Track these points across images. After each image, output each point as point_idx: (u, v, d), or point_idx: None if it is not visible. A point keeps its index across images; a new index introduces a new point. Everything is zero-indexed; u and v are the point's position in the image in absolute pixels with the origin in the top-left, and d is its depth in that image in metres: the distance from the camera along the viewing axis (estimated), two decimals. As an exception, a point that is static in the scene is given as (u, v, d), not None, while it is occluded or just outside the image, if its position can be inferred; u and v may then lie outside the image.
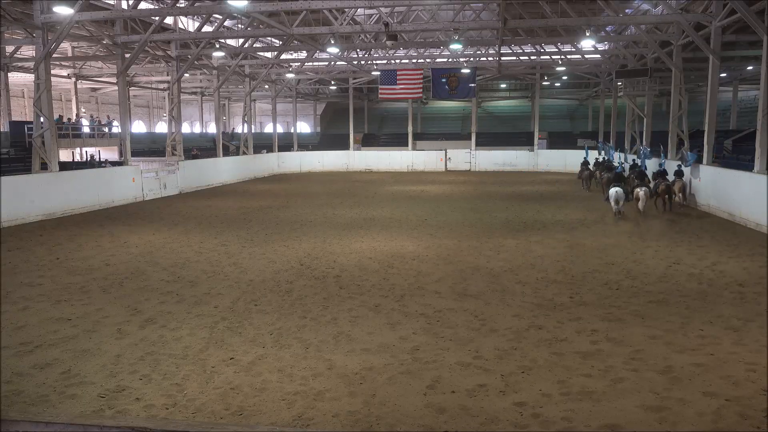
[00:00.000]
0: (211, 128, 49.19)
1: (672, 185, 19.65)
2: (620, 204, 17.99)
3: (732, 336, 7.62)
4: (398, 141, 45.34)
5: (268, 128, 50.63)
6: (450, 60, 35.31)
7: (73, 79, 36.35)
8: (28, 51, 29.28)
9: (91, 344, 7.52)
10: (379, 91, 35.93)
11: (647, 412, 5.59)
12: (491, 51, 32.56)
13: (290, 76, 39.01)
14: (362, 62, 35.50)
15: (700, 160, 21.12)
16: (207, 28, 27.04)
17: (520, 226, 16.80)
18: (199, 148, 37.89)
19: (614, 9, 25.67)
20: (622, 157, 27.63)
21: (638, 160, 23.57)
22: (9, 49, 27.17)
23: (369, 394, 6.03)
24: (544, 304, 9.16)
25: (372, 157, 42.78)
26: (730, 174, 18.83)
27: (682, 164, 21.13)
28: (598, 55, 34.73)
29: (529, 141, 42.32)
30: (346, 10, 27.38)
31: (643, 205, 18.06)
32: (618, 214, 18.13)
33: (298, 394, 6.06)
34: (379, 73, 35.72)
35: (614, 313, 8.64)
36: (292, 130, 44.92)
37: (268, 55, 34.56)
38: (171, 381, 6.38)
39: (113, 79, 33.20)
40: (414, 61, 36.64)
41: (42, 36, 20.20)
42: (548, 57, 33.89)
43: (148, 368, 6.72)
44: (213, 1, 26.53)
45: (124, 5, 23.56)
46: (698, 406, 5.70)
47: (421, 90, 35.75)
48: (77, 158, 30.03)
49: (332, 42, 27.50)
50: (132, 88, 39.40)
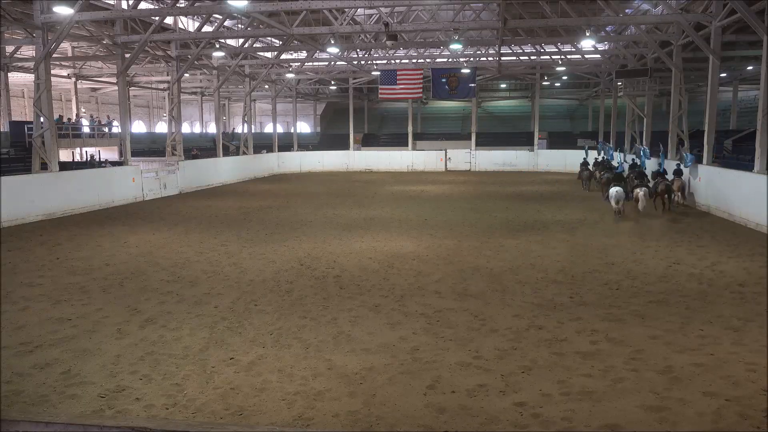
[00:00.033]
0: (211, 128, 49.19)
1: (671, 184, 19.67)
2: (620, 204, 18.05)
3: (732, 336, 7.62)
4: (398, 141, 45.34)
5: (268, 128, 50.63)
6: (450, 60, 35.31)
7: (73, 79, 36.36)
8: (28, 51, 29.28)
9: (91, 344, 7.52)
10: (379, 91, 35.94)
11: (647, 412, 5.59)
12: (491, 51, 32.56)
13: (290, 76, 39.02)
14: (362, 62, 35.50)
15: (700, 160, 21.14)
16: (207, 28, 27.04)
17: (520, 226, 16.80)
18: (199, 148, 37.89)
19: (614, 9, 25.66)
20: (621, 157, 27.62)
21: (637, 160, 23.56)
22: (9, 49, 27.18)
23: (369, 394, 6.03)
24: (544, 304, 9.16)
25: (372, 157, 42.79)
26: (730, 174, 18.83)
27: (681, 164, 21.15)
28: (598, 55, 34.73)
29: (529, 141, 42.33)
30: (346, 10, 27.39)
31: (643, 205, 18.07)
32: (618, 214, 18.16)
33: (298, 394, 6.06)
34: (379, 73, 35.72)
35: (614, 313, 8.64)
36: (292, 130, 44.92)
37: (268, 55, 34.56)
38: (171, 381, 6.38)
39: (113, 79, 33.20)
40: (414, 61, 36.63)
41: (42, 36, 20.20)
42: (548, 57, 33.89)
43: (148, 368, 6.72)
44: (213, 1, 26.53)
45: (124, 5, 23.56)
46: (698, 406, 5.70)
47: (421, 90, 35.76)
48: (77, 158, 30.04)
49: (332, 42, 27.50)
50: (132, 88, 39.41)
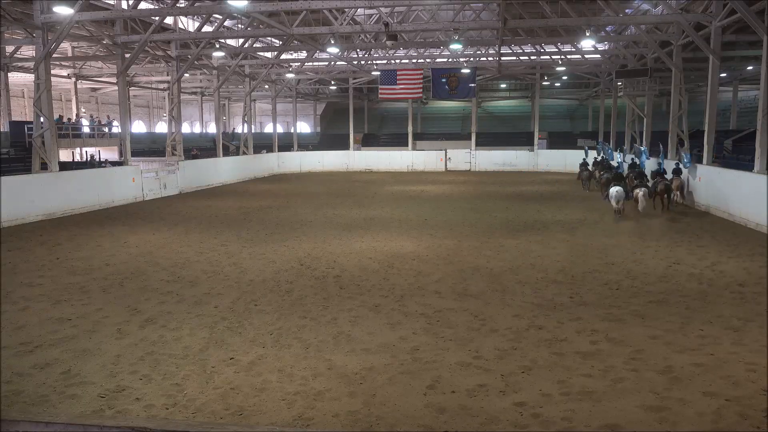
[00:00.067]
0: (211, 128, 49.19)
1: (670, 184, 19.73)
2: (620, 203, 18.09)
3: (732, 336, 7.62)
4: (398, 141, 45.34)
5: (268, 128, 50.63)
6: (450, 60, 35.31)
7: (73, 79, 36.37)
8: (28, 51, 29.29)
9: (91, 344, 7.52)
10: (379, 91, 35.93)
11: (647, 412, 5.59)
12: (491, 51, 32.56)
13: (290, 76, 39.02)
14: (362, 62, 35.50)
15: (699, 160, 21.14)
16: (207, 28, 27.04)
17: (520, 226, 16.80)
18: (199, 148, 37.89)
19: (614, 9, 25.67)
20: (621, 157, 27.62)
21: (637, 160, 23.59)
22: (9, 49, 27.19)
23: (369, 394, 6.03)
24: (544, 304, 9.16)
25: (372, 157, 42.79)
26: (729, 174, 18.84)
27: (680, 163, 21.19)
28: (598, 55, 34.72)
29: (529, 141, 42.33)
30: (346, 10, 27.39)
31: (643, 206, 18.12)
32: (618, 214, 18.19)
33: (298, 394, 6.06)
34: (379, 73, 35.72)
35: (614, 313, 8.64)
36: (292, 130, 44.92)
37: (268, 55, 34.56)
38: (171, 381, 6.38)
39: (113, 79, 33.21)
40: (414, 61, 36.63)
41: (42, 36, 20.20)
42: (548, 57, 33.89)
43: (148, 368, 6.72)
44: (213, 1, 26.53)
45: (124, 5, 23.56)
46: (698, 406, 5.70)
47: (421, 90, 35.76)
48: (77, 158, 30.04)
49: (332, 42, 27.50)
50: (132, 88, 39.41)
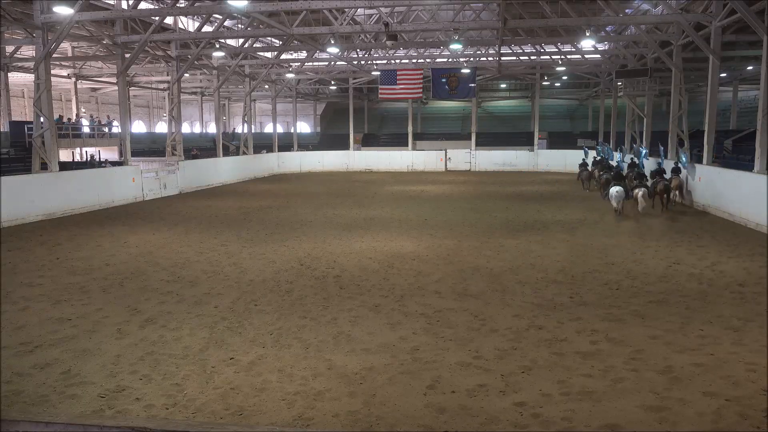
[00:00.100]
0: (211, 128, 49.20)
1: (669, 183, 19.79)
2: (620, 203, 18.15)
3: (732, 336, 7.62)
4: (398, 141, 45.34)
5: (268, 128, 50.64)
6: (450, 60, 35.30)
7: (73, 79, 36.37)
8: (28, 51, 29.29)
9: (91, 344, 7.52)
10: (379, 91, 35.93)
11: (647, 412, 5.58)
12: (491, 51, 32.56)
13: (290, 76, 39.01)
14: (362, 62, 35.50)
15: (699, 160, 21.14)
16: (207, 28, 27.04)
17: (520, 226, 16.80)
18: (199, 148, 37.89)
19: (614, 9, 25.66)
20: (621, 156, 27.61)
21: (636, 160, 23.63)
22: (9, 49, 27.19)
23: (369, 394, 6.02)
24: (544, 304, 9.16)
25: (372, 157, 42.78)
26: (729, 174, 18.85)
27: (679, 162, 21.24)
28: (598, 55, 34.72)
29: (529, 141, 42.32)
30: (346, 10, 27.39)
31: (642, 206, 18.19)
32: (619, 213, 18.23)
33: (298, 394, 6.06)
34: (379, 73, 35.72)
35: (614, 313, 8.64)
36: (292, 130, 44.92)
37: (268, 55, 34.56)
38: (171, 381, 6.38)
39: (113, 79, 33.21)
40: (414, 61, 36.63)
41: (42, 36, 20.19)
42: (548, 57, 33.88)
43: (148, 368, 6.72)
44: (213, 1, 26.54)
45: (124, 5, 23.56)
46: (698, 406, 5.70)
47: (421, 90, 35.75)
48: (77, 158, 30.06)
49: (332, 42, 27.50)
50: (132, 88, 39.42)
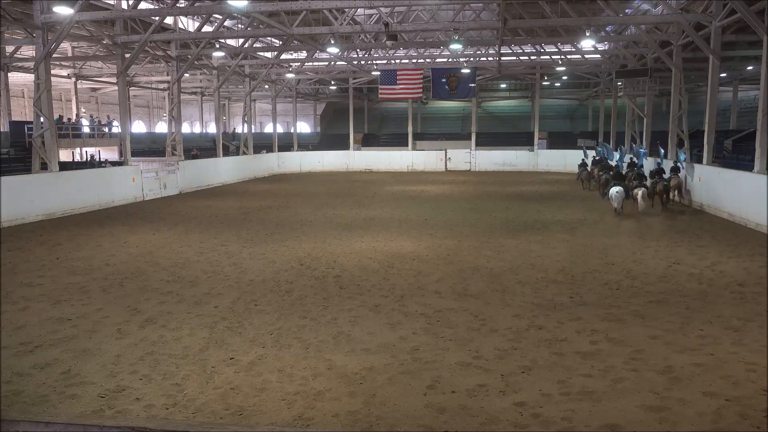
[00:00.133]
0: (211, 128, 49.21)
1: (669, 183, 19.84)
2: (621, 203, 18.22)
3: (732, 336, 7.62)
4: (398, 141, 45.34)
5: (268, 128, 50.64)
6: (450, 60, 35.30)
7: (73, 79, 36.36)
8: (28, 51, 29.29)
9: (91, 344, 7.52)
10: (379, 91, 35.92)
11: (647, 412, 5.59)
12: (491, 51, 32.55)
13: (290, 76, 39.01)
14: (362, 62, 35.49)
15: (699, 160, 21.17)
16: (207, 28, 27.04)
17: (520, 226, 16.80)
18: (199, 148, 37.90)
19: (614, 9, 25.66)
20: (620, 156, 27.62)
21: (636, 160, 23.67)
22: (9, 49, 27.18)
23: (369, 394, 6.02)
24: (544, 304, 9.16)
25: (372, 157, 42.78)
26: (729, 174, 18.87)
27: (678, 161, 21.34)
28: (598, 55, 34.72)
29: (529, 141, 42.32)
30: (346, 10, 27.38)
31: (642, 206, 18.25)
32: (619, 213, 18.28)
33: (298, 394, 6.06)
34: (379, 73, 35.71)
35: (614, 313, 8.64)
36: (292, 130, 44.91)
37: (268, 55, 34.56)
38: (171, 381, 6.38)
39: (113, 79, 33.21)
40: (414, 61, 36.63)
41: (42, 36, 20.19)
42: (548, 57, 33.88)
43: (148, 368, 6.72)
44: (213, 1, 26.53)
45: (124, 5, 23.56)
46: (698, 406, 5.70)
47: (421, 90, 35.74)
48: (77, 158, 30.06)
49: (332, 42, 27.50)
50: (132, 88, 39.41)
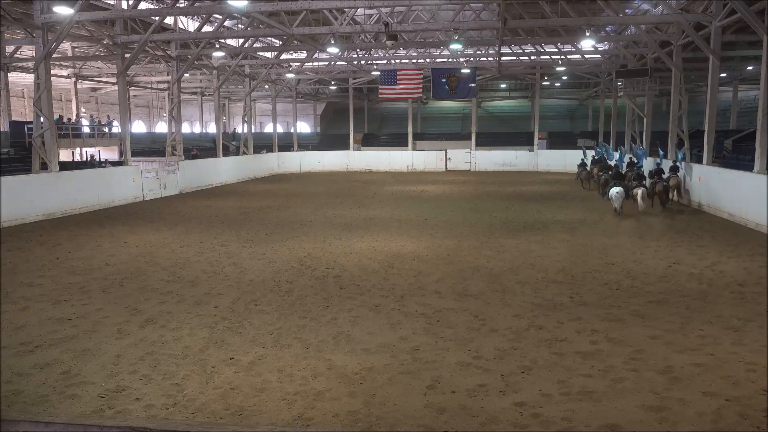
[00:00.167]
0: (211, 128, 49.21)
1: (668, 183, 19.87)
2: (621, 203, 18.28)
3: (732, 336, 7.62)
4: (398, 141, 45.34)
5: (268, 128, 50.64)
6: (450, 60, 35.29)
7: (73, 79, 36.36)
8: (28, 51, 29.29)
9: (91, 344, 7.52)
10: (379, 91, 35.91)
11: (647, 412, 5.59)
12: (491, 51, 32.55)
13: (290, 76, 39.01)
14: (362, 62, 35.49)
15: (699, 160, 21.18)
16: (207, 28, 27.04)
17: (520, 226, 16.80)
18: (199, 148, 37.90)
19: (614, 9, 25.66)
20: (620, 156, 27.65)
21: (635, 160, 23.70)
22: (9, 49, 27.18)
23: (369, 394, 6.03)
24: (544, 304, 9.16)
25: (372, 157, 42.77)
26: (729, 174, 18.87)
27: (676, 161, 21.42)
28: (598, 55, 34.72)
29: (529, 141, 42.32)
30: (346, 10, 27.38)
31: (642, 206, 18.31)
32: (619, 213, 18.32)
33: (298, 394, 6.06)
34: (379, 73, 35.71)
35: (614, 313, 8.64)
36: (292, 130, 44.91)
37: (268, 55, 34.55)
38: (171, 381, 6.38)
39: (113, 79, 33.21)
40: (414, 61, 36.62)
41: (42, 36, 20.19)
42: (548, 57, 33.88)
43: (148, 368, 6.72)
44: (213, 1, 26.53)
45: (124, 5, 23.56)
46: (698, 406, 5.70)
47: (421, 90, 35.74)
48: (77, 158, 30.06)
49: (332, 42, 27.50)
50: (132, 88, 39.41)
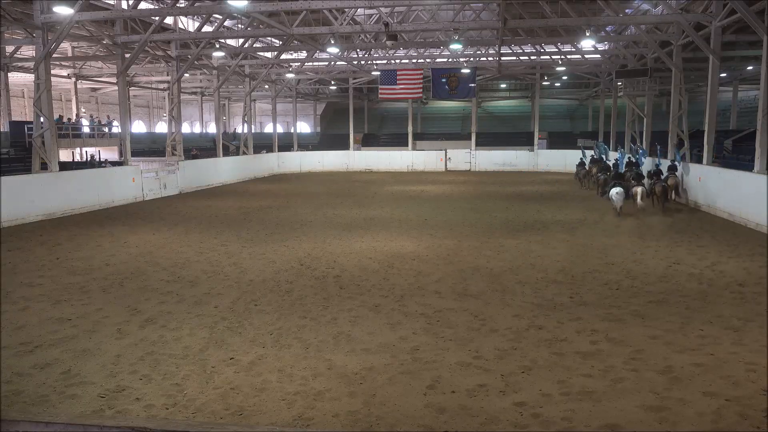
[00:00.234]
0: (211, 128, 49.22)
1: (666, 183, 19.91)
2: (621, 203, 18.31)
3: (732, 336, 7.62)
4: (398, 141, 45.35)
5: (268, 128, 50.64)
6: (450, 60, 35.29)
7: (73, 79, 36.36)
8: (28, 51, 29.29)
9: (91, 344, 7.52)
10: (379, 91, 35.91)
11: (647, 412, 5.59)
12: (491, 51, 32.55)
13: (290, 76, 39.00)
14: (362, 62, 35.49)
15: (699, 160, 21.20)
16: (207, 28, 27.03)
17: (520, 226, 16.80)
18: (199, 148, 37.91)
19: (614, 9, 25.66)
20: (620, 156, 27.66)
21: (634, 159, 23.73)
22: (9, 49, 27.18)
23: (369, 394, 6.03)
24: (544, 304, 9.16)
25: (372, 157, 42.77)
26: (729, 174, 18.88)
27: (675, 160, 21.47)
28: (598, 55, 34.72)
29: (529, 141, 42.33)
30: (346, 10, 27.38)
31: (641, 205, 18.37)
32: (619, 213, 18.35)
33: (298, 394, 6.06)
34: (379, 73, 35.71)
35: (614, 313, 8.64)
36: (292, 130, 44.91)
37: (268, 55, 34.55)
38: (171, 381, 6.38)
39: (113, 79, 33.21)
40: (414, 61, 36.62)
41: (42, 36, 20.19)
42: (548, 57, 33.88)
43: (148, 368, 6.72)
44: (213, 1, 26.53)
45: (124, 5, 23.55)
46: (698, 406, 5.70)
47: (421, 90, 35.73)
48: (77, 158, 30.06)
49: (332, 42, 27.49)
50: (132, 88, 39.41)
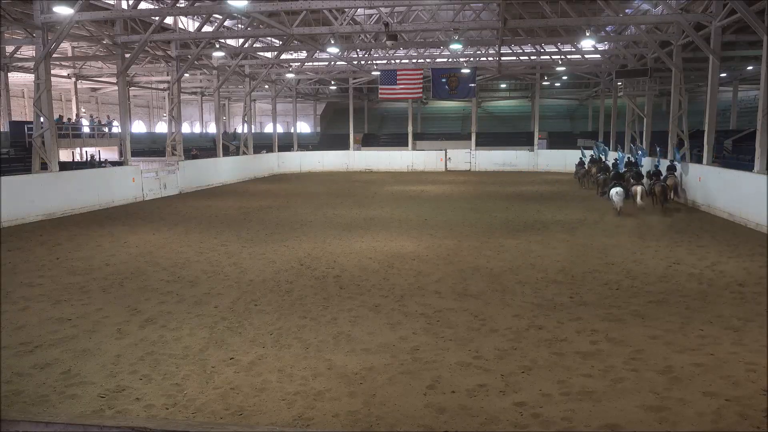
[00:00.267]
0: (211, 128, 49.21)
1: (666, 183, 19.94)
2: (621, 203, 18.35)
3: (732, 336, 7.62)
4: (398, 141, 45.35)
5: (268, 128, 50.64)
6: (450, 60, 35.30)
7: (73, 79, 36.35)
8: (28, 51, 29.28)
9: (91, 344, 7.52)
10: (379, 91, 35.91)
11: (647, 412, 5.59)
12: (491, 51, 32.56)
13: (290, 76, 39.01)
14: (362, 62, 35.49)
15: (699, 160, 21.21)
16: (207, 28, 27.03)
17: (520, 226, 16.80)
18: (199, 148, 37.89)
19: (614, 9, 25.66)
20: (620, 156, 27.68)
21: (633, 159, 23.75)
22: (9, 49, 27.18)
23: (369, 394, 6.03)
24: (544, 304, 9.16)
25: (372, 157, 42.77)
26: (729, 174, 18.89)
27: (674, 160, 21.50)
28: (598, 55, 34.72)
29: (529, 141, 42.33)
30: (346, 10, 27.38)
31: (641, 204, 18.43)
32: (619, 213, 18.38)
33: (298, 394, 6.06)
34: (379, 73, 35.71)
35: (614, 313, 8.64)
36: (292, 130, 44.92)
37: (268, 55, 34.55)
38: (171, 381, 6.38)
39: (113, 79, 33.21)
40: (414, 61, 36.62)
41: (42, 36, 20.19)
42: (548, 57, 33.88)
43: (148, 368, 6.72)
44: (213, 1, 26.53)
45: (124, 5, 23.55)
46: (698, 406, 5.70)
47: (421, 90, 35.73)
48: (77, 158, 30.05)
49: (332, 42, 27.49)
50: (132, 88, 39.40)
